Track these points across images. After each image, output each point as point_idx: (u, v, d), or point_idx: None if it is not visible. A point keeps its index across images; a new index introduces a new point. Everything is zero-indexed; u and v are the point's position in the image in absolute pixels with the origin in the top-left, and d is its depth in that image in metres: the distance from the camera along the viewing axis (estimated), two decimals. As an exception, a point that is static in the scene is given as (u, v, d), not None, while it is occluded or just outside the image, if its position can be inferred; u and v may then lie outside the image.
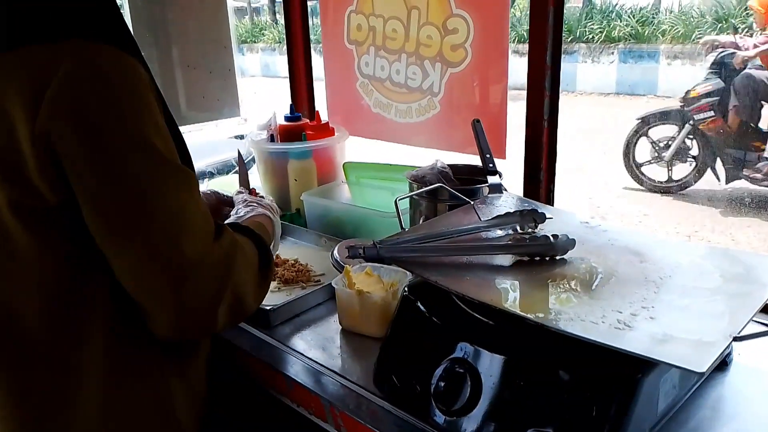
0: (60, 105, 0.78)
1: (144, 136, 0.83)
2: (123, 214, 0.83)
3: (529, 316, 0.83)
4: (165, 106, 0.91)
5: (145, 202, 0.83)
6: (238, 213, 1.23)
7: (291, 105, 1.94)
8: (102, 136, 0.80)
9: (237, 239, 0.97)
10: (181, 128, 0.97)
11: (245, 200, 1.28)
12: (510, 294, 0.97)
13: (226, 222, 1.14)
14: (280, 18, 18.87)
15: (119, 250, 0.84)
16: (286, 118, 1.86)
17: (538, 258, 1.03)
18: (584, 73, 11.99)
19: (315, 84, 2.19)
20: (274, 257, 1.37)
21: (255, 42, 16.05)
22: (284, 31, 2.08)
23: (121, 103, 0.82)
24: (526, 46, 1.45)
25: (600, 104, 10.98)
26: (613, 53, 11.99)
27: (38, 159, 0.79)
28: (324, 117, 1.91)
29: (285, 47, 2.12)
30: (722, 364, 1.03)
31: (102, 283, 0.88)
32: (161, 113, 0.88)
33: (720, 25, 11.07)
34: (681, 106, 5.39)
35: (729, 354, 1.03)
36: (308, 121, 1.90)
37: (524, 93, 1.48)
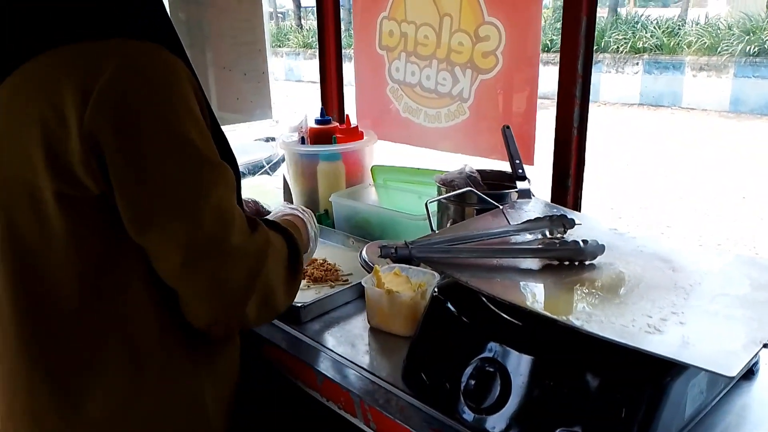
0: (105, 102, 0.81)
1: (182, 132, 0.85)
2: (160, 208, 0.85)
3: (559, 318, 0.85)
4: (208, 105, 0.94)
5: (182, 196, 0.86)
6: (272, 213, 1.27)
7: (321, 108, 1.98)
8: (142, 133, 0.83)
9: (270, 235, 1.00)
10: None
11: (283, 207, 1.32)
12: (539, 296, 0.99)
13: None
14: (305, 23, 19.05)
15: (157, 241, 0.87)
16: (317, 121, 1.90)
17: (567, 262, 1.05)
18: (608, 83, 11.93)
19: (344, 88, 2.22)
20: (310, 259, 1.39)
21: (280, 46, 16.21)
22: (309, 37, 2.11)
23: (161, 101, 0.84)
24: (549, 55, 1.47)
25: (624, 114, 10.91)
26: (637, 64, 11.92)
27: (84, 153, 0.82)
28: (353, 121, 1.94)
29: (308, 52, 2.16)
30: (749, 373, 1.04)
31: (135, 273, 0.90)
32: (206, 111, 0.91)
33: (747, 37, 10.96)
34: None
35: (756, 363, 1.04)
36: (338, 124, 1.94)
37: (547, 102, 1.49)
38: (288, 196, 1.66)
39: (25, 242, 0.88)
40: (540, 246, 1.07)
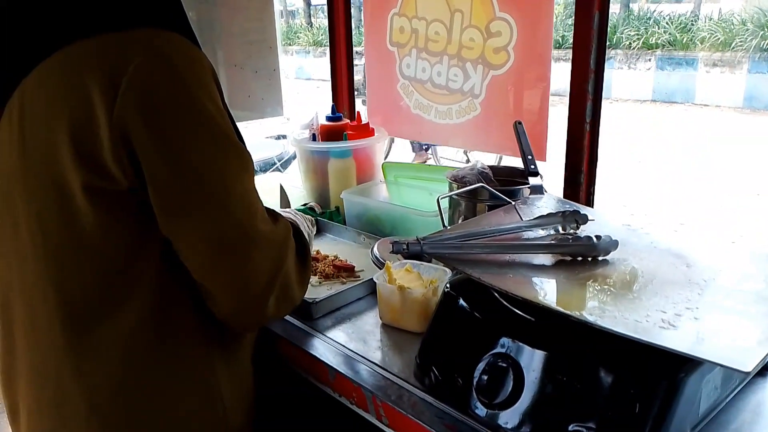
0: (134, 93, 0.82)
1: (210, 120, 0.87)
2: (191, 195, 0.86)
3: (572, 313, 0.85)
4: (224, 100, 0.95)
5: (214, 185, 0.87)
6: None
7: (333, 105, 1.98)
8: (171, 122, 0.85)
9: (290, 225, 1.00)
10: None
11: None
12: (552, 292, 0.98)
13: None
14: (315, 21, 19.07)
15: (187, 230, 0.88)
16: (328, 118, 1.90)
17: (580, 258, 1.04)
18: (620, 80, 11.84)
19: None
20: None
21: (290, 44, 16.24)
22: (319, 35, 2.12)
23: (189, 91, 0.85)
24: (561, 51, 1.47)
25: (636, 111, 10.84)
26: (650, 60, 11.84)
27: (114, 144, 0.83)
28: (364, 118, 1.94)
29: (318, 50, 2.17)
30: (764, 370, 1.03)
31: (158, 264, 0.91)
32: (224, 105, 0.92)
33: (762, 32, 10.84)
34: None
35: (771, 359, 1.03)
36: (349, 121, 1.94)
37: (556, 99, 1.48)
38: (285, 203, 1.66)
39: (54, 237, 0.89)
40: (553, 242, 1.07)
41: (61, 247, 0.89)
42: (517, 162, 1.50)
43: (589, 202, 1.50)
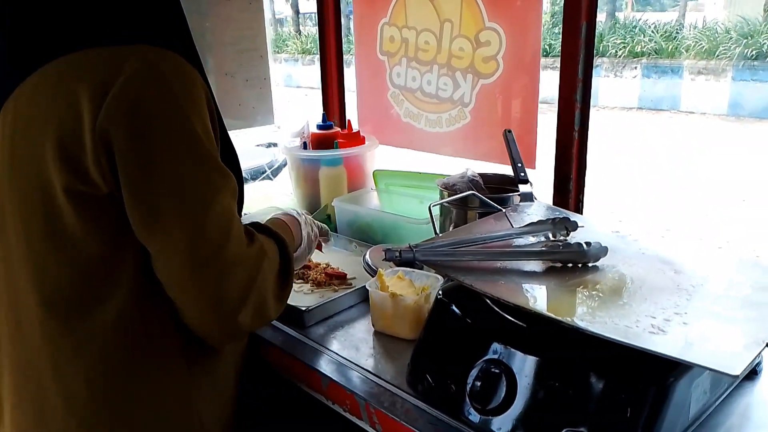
0: (120, 103, 0.83)
1: (194, 138, 0.87)
2: (166, 210, 0.87)
3: (564, 319, 0.86)
4: (219, 115, 0.95)
5: (189, 200, 0.88)
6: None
7: (323, 114, 1.99)
8: (154, 135, 0.85)
9: (265, 246, 1.00)
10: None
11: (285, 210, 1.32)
12: (544, 298, 0.99)
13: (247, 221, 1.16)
14: (304, 29, 19.10)
15: (160, 244, 0.88)
16: (319, 127, 1.91)
17: (570, 265, 1.05)
18: (607, 88, 11.95)
19: (345, 94, 2.24)
20: (307, 260, 1.39)
21: (278, 52, 16.26)
22: (307, 42, 2.13)
23: (176, 106, 0.86)
24: (548, 59, 1.49)
25: (623, 118, 10.94)
26: (636, 68, 11.96)
27: (96, 151, 0.84)
28: (355, 126, 1.95)
29: (307, 58, 2.18)
30: (752, 373, 1.05)
31: (136, 269, 0.92)
32: (216, 121, 0.93)
33: (745, 41, 11.00)
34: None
35: (759, 363, 1.05)
36: (340, 129, 1.95)
37: (545, 107, 1.50)
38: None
39: (37, 237, 0.90)
40: (543, 248, 1.08)
41: (42, 248, 0.91)
42: (508, 170, 1.52)
43: (579, 209, 1.52)
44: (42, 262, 0.91)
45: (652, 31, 12.55)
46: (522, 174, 1.44)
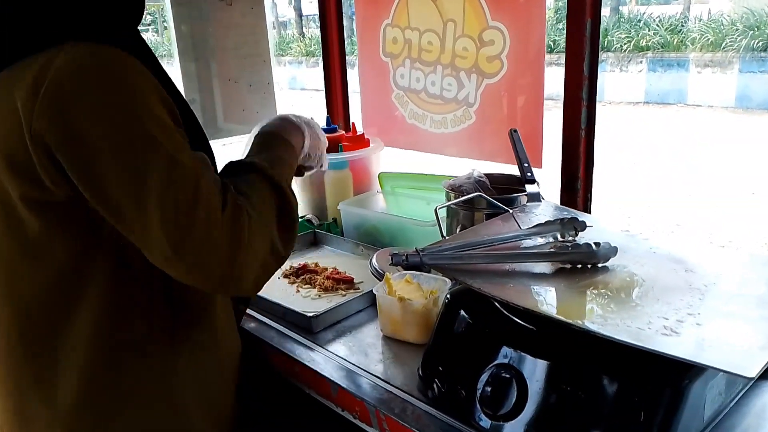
0: (49, 103, 0.80)
1: (133, 123, 0.82)
2: (127, 205, 0.82)
3: (574, 322, 0.85)
4: (181, 101, 0.94)
5: (134, 189, 0.82)
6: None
7: (327, 117, 1.98)
8: (87, 134, 0.80)
9: (242, 203, 0.90)
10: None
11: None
12: (553, 300, 0.98)
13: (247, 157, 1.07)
14: (307, 32, 19.13)
15: (136, 239, 0.86)
16: (323, 130, 1.90)
17: (579, 266, 1.04)
18: (613, 83, 11.89)
19: (349, 96, 2.23)
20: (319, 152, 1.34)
21: (282, 55, 16.28)
22: (311, 45, 2.12)
23: (104, 97, 0.81)
24: (552, 56, 1.47)
25: (629, 113, 10.88)
26: (641, 62, 11.89)
27: (38, 156, 0.81)
28: (359, 129, 1.94)
29: (311, 60, 2.17)
30: (767, 373, 1.03)
31: (110, 271, 0.91)
32: (173, 107, 0.88)
33: (752, 32, 10.91)
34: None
35: (774, 362, 1.03)
36: (344, 132, 1.94)
37: (550, 103, 1.49)
38: None
39: (4, 248, 0.91)
40: (552, 250, 1.07)
41: (10, 258, 0.91)
42: (514, 170, 1.50)
43: (587, 209, 1.50)
44: (11, 273, 0.92)
45: (657, 25, 12.47)
46: (529, 174, 1.43)
